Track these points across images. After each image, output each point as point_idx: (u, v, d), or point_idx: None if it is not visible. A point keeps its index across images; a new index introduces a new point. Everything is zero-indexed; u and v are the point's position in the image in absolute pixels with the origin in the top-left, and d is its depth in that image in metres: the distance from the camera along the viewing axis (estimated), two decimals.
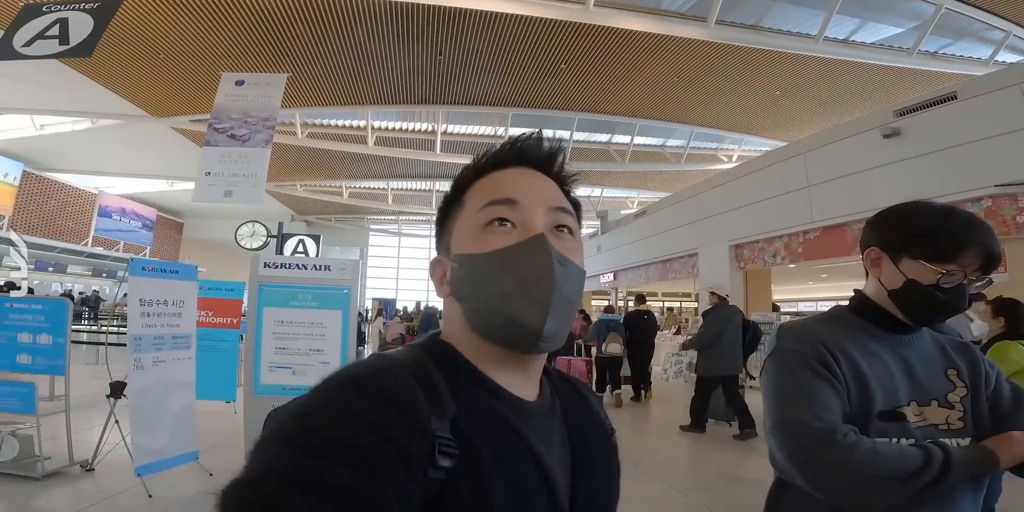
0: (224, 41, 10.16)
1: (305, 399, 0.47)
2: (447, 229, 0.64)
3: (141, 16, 9.01)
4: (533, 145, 0.64)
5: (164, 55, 10.47)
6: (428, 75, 12.39)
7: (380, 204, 24.60)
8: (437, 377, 0.53)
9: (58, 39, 6.11)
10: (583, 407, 0.69)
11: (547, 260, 0.56)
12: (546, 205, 0.61)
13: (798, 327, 1.12)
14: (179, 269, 4.84)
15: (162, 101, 12.99)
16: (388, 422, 0.45)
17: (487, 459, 0.50)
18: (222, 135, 8.32)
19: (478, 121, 16.00)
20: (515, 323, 0.55)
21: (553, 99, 14.06)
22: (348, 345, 4.28)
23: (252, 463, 0.43)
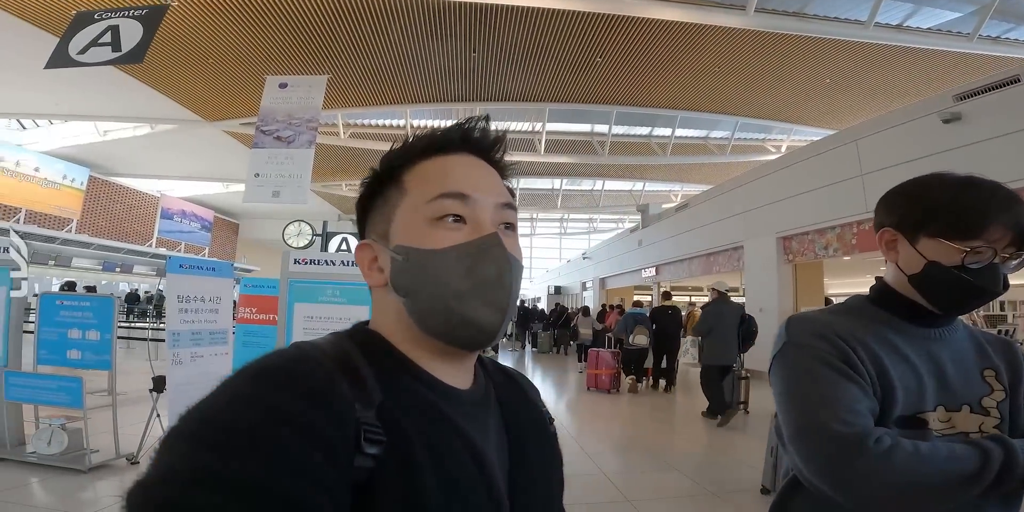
0: (267, 44, 10.49)
1: (213, 392, 0.44)
2: (381, 213, 0.59)
3: (187, 22, 9.40)
4: (480, 131, 0.61)
5: (212, 60, 10.91)
6: (463, 73, 12.47)
7: None
8: (362, 365, 0.51)
9: (111, 46, 6.41)
10: (519, 396, 0.68)
11: (504, 262, 0.56)
12: (495, 201, 0.59)
13: (810, 319, 0.96)
14: (215, 266, 5.00)
15: (214, 105, 13.56)
16: (303, 411, 0.43)
17: (416, 445, 0.48)
18: (268, 137, 8.60)
19: (515, 117, 15.98)
20: (470, 325, 0.54)
21: (590, 93, 13.91)
22: None
23: (155, 463, 0.40)
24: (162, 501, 0.37)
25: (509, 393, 0.66)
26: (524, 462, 0.60)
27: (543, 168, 21.03)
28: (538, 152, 17.20)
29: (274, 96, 8.49)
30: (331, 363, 0.49)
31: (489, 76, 12.68)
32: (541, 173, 22.07)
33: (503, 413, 0.62)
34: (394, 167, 0.60)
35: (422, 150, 0.60)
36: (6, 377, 4.16)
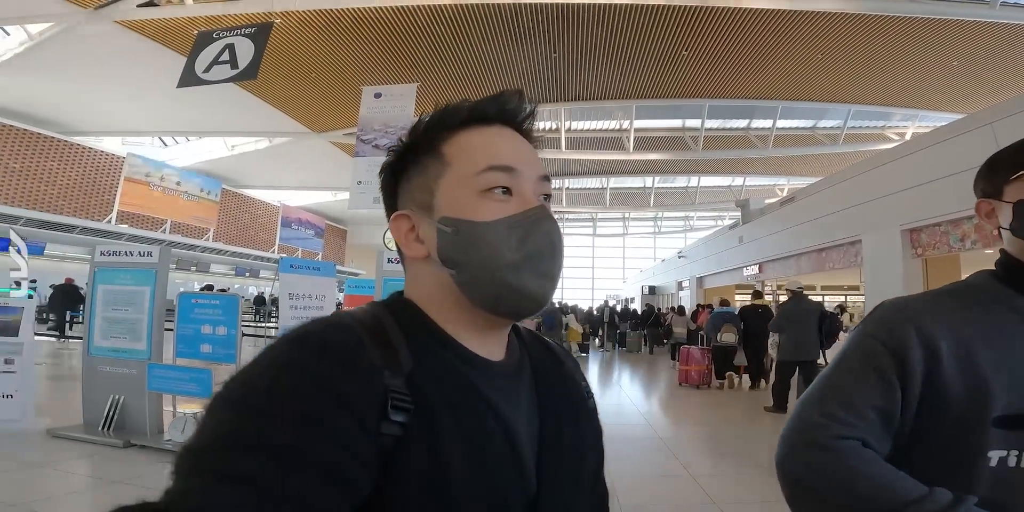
0: (360, 56, 11.21)
1: (255, 359, 0.46)
2: (420, 183, 0.59)
3: (289, 38, 10.24)
4: (516, 103, 0.61)
5: (315, 74, 11.83)
6: (545, 74, 12.56)
7: None
8: (395, 333, 0.52)
9: (229, 64, 7.10)
10: (556, 369, 0.67)
11: (555, 232, 0.57)
12: (537, 173, 0.60)
13: (899, 306, 0.86)
14: (320, 266, 5.39)
15: (319, 117, 14.69)
16: (335, 377, 0.44)
17: (443, 414, 0.49)
18: (368, 146, 9.16)
19: (601, 116, 15.78)
20: (521, 294, 0.55)
21: (678, 88, 13.48)
22: None
23: (200, 428, 0.42)
24: (207, 465, 0.39)
25: (545, 365, 0.65)
26: (556, 436, 0.59)
27: (633, 166, 20.53)
28: (627, 150, 16.82)
29: (370, 106, 9.00)
30: (364, 331, 0.50)
31: (572, 76, 12.67)
32: (631, 171, 21.57)
33: (537, 385, 0.61)
34: (431, 138, 0.60)
35: (461, 121, 0.59)
36: (149, 369, 4.65)
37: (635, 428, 5.84)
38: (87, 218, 16.82)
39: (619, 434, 5.49)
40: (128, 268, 4.91)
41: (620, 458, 4.55)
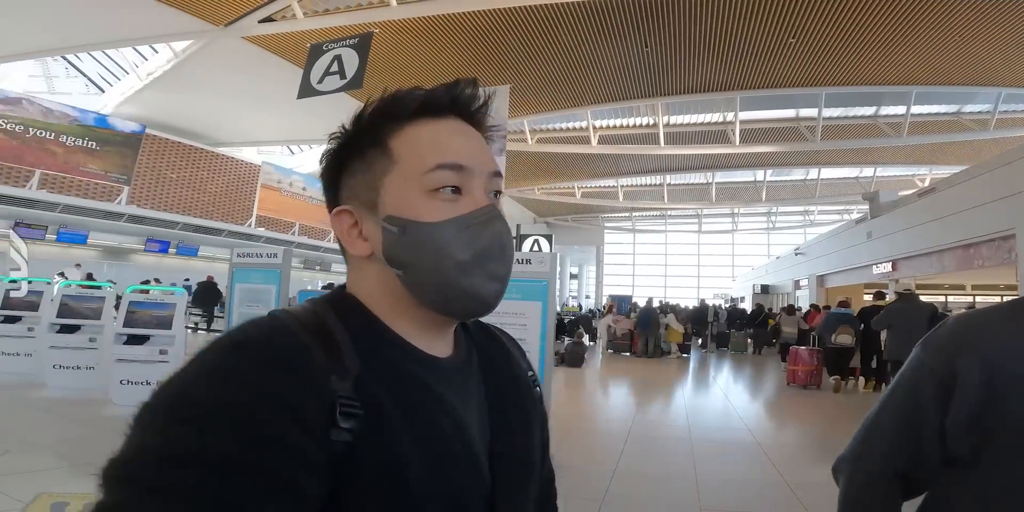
0: (455, 61, 11.58)
1: (186, 365, 0.43)
2: (364, 179, 0.56)
3: (389, 47, 10.76)
4: (470, 93, 0.59)
5: (415, 80, 12.34)
6: (639, 69, 12.22)
7: (612, 202, 24.86)
8: (341, 334, 0.50)
9: (338, 74, 7.60)
10: (504, 358, 0.66)
11: (505, 233, 0.56)
12: (488, 170, 0.57)
13: (964, 322, 0.79)
14: None
15: None
16: (278, 385, 0.42)
17: (395, 417, 0.48)
18: None
19: (702, 109, 15.06)
20: (471, 296, 0.54)
21: (788, 77, 12.57)
22: (547, 335, 4.40)
23: (127, 440, 0.40)
24: (135, 478, 0.37)
25: (493, 356, 0.64)
26: (505, 427, 0.59)
27: (741, 160, 19.32)
28: (733, 143, 15.84)
29: None
30: (307, 334, 0.48)
31: (667, 70, 12.24)
32: (739, 165, 20.29)
33: (485, 378, 0.61)
34: (376, 130, 0.57)
35: (410, 113, 0.57)
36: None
37: (733, 432, 5.53)
38: (231, 222, 19.00)
39: (715, 437, 5.23)
40: (258, 268, 5.44)
41: (709, 460, 4.34)
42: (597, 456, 4.44)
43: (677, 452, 4.67)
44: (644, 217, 31.68)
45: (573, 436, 4.99)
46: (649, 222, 32.66)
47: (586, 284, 35.90)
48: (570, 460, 4.11)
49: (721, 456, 4.67)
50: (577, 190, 23.81)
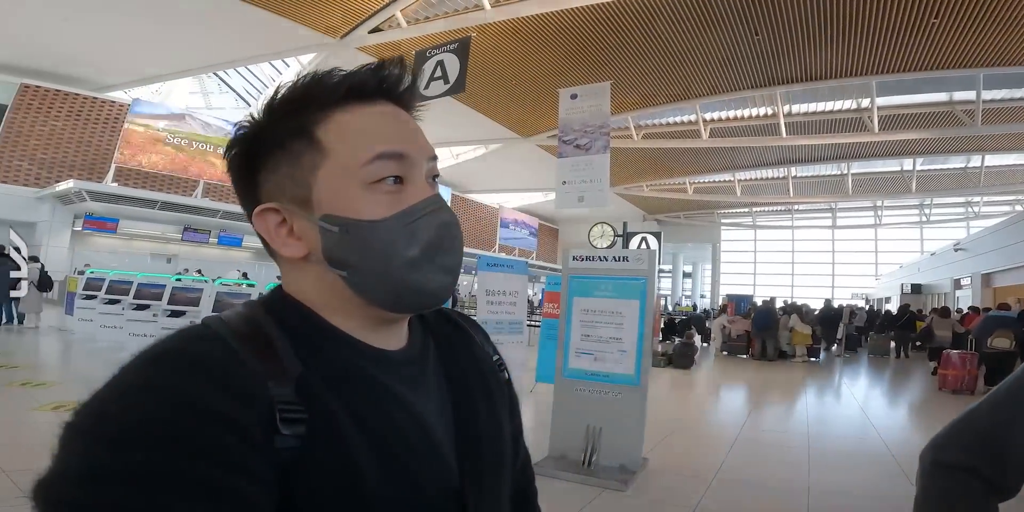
0: (553, 60, 11.62)
1: (109, 381, 0.41)
2: (289, 174, 0.51)
3: (488, 50, 11.06)
4: (398, 74, 0.54)
5: (515, 81, 12.64)
6: (752, 58, 11.46)
7: (728, 197, 23.44)
8: (276, 337, 0.47)
9: (442, 79, 8.00)
10: (465, 345, 0.63)
11: (452, 224, 0.53)
12: (426, 156, 0.54)
13: None
14: (512, 264, 5.80)
15: (525, 122, 15.65)
16: (206, 396, 0.40)
17: (343, 417, 0.46)
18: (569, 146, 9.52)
19: (831, 96, 13.74)
20: (422, 291, 0.51)
21: (933, 59, 11.18)
22: (645, 335, 4.31)
23: (53, 460, 0.38)
24: (61, 500, 0.36)
25: (453, 343, 0.62)
26: (470, 415, 0.57)
27: (882, 148, 17.29)
28: (871, 131, 14.24)
29: (568, 107, 9.31)
30: (238, 339, 0.45)
31: (784, 57, 11.38)
32: (880, 154, 18.16)
33: (445, 367, 0.59)
34: (299, 117, 0.51)
35: (337, 99, 0.51)
36: None
37: (863, 441, 5.00)
38: None
39: (839, 446, 4.77)
40: None
41: (828, 470, 3.98)
42: (696, 461, 4.25)
43: (790, 461, 4.34)
44: (767, 212, 29.45)
45: (670, 439, 4.82)
46: (773, 217, 30.30)
47: (701, 283, 34.18)
48: (665, 464, 4.00)
49: (843, 467, 4.27)
50: (689, 186, 22.77)
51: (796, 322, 11.53)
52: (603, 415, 3.85)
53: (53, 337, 8.91)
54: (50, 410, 4.15)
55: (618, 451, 3.71)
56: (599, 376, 4.20)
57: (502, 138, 17.11)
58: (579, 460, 3.66)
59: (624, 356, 4.23)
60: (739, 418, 6.09)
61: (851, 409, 6.91)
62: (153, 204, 15.64)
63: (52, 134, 15.68)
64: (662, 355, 9.94)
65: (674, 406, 6.73)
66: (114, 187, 15.35)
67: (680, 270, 33.70)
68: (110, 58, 14.40)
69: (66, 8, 11.20)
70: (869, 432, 5.49)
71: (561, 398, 4.18)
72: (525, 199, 27.22)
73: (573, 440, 3.81)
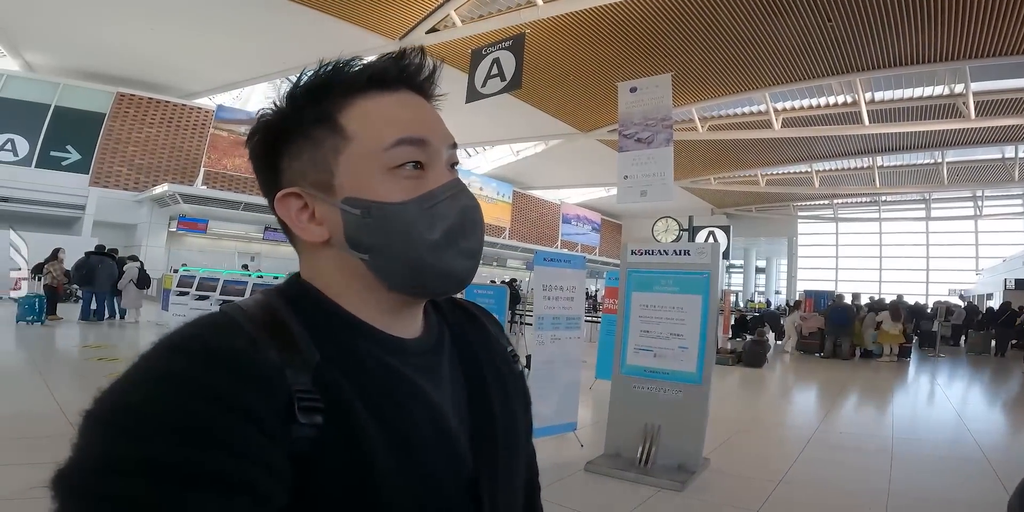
0: (611, 53, 11.39)
1: (128, 370, 0.42)
2: (311, 158, 0.52)
3: (542, 45, 10.95)
4: (419, 63, 0.55)
5: (573, 76, 12.50)
6: (825, 45, 10.81)
7: (806, 189, 22.14)
8: (293, 325, 0.48)
9: (499, 77, 8.02)
10: (480, 335, 0.63)
11: (473, 208, 0.54)
12: (447, 143, 0.55)
13: None
14: (570, 259, 5.74)
15: (584, 117, 15.46)
16: (224, 385, 0.40)
17: (359, 407, 0.46)
18: (630, 140, 9.34)
19: (917, 82, 12.73)
20: (445, 275, 0.52)
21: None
22: (708, 331, 4.16)
23: (73, 450, 0.39)
24: (81, 489, 0.37)
25: (468, 333, 0.62)
26: (485, 406, 0.57)
27: (981, 135, 15.82)
28: (967, 117, 13.03)
29: (628, 100, 9.11)
30: (256, 327, 0.46)
31: (862, 43, 10.68)
32: (978, 141, 16.60)
33: (460, 357, 0.59)
34: (322, 105, 0.52)
35: (359, 86, 0.53)
36: None
37: (955, 446, 4.64)
38: None
39: (927, 449, 4.45)
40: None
41: (912, 475, 3.73)
42: (763, 463, 4.06)
43: (868, 465, 4.05)
44: (850, 204, 27.58)
45: (736, 440, 4.64)
46: (857, 209, 28.33)
47: (776, 279, 32.53)
48: (728, 465, 3.85)
49: (930, 471, 3.97)
50: (760, 178, 21.69)
51: (885, 319, 10.76)
52: (662, 413, 3.75)
53: (150, 331, 9.74)
54: None
55: (677, 450, 3.61)
56: (659, 373, 4.10)
57: (561, 134, 17.00)
58: (635, 459, 3.58)
59: (685, 353, 4.11)
60: (813, 419, 5.75)
61: (942, 411, 6.41)
62: (237, 205, 16.71)
63: (147, 140, 17.05)
64: (731, 353, 9.56)
65: (741, 406, 6.46)
66: (203, 189, 16.56)
67: (752, 265, 32.22)
68: (194, 66, 15.44)
69: (152, 18, 12.09)
70: (963, 436, 5.04)
71: (618, 395, 4.10)
72: (587, 194, 26.94)
73: (630, 438, 3.74)
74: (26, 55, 14.80)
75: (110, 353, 6.79)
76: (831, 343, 10.97)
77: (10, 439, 3.33)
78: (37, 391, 4.57)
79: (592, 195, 26.89)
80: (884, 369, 9.87)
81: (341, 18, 11.27)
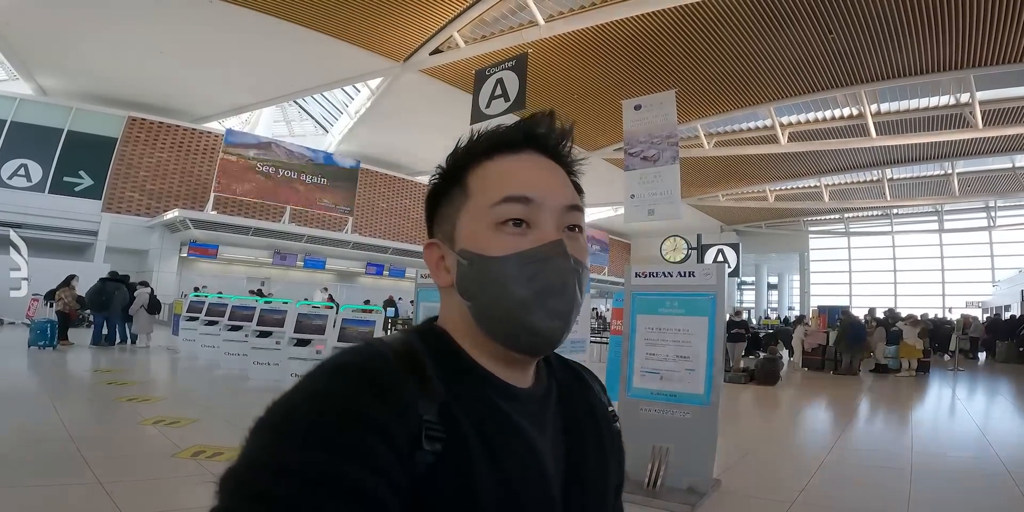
0: (614, 72, 11.54)
1: (296, 386, 0.48)
2: (446, 214, 0.60)
3: (545, 65, 11.12)
4: (544, 127, 0.60)
5: (576, 95, 12.62)
6: (827, 58, 10.89)
7: (815, 203, 22.03)
8: (428, 364, 0.53)
9: (503, 97, 8.06)
10: (583, 393, 0.67)
11: (567, 269, 0.55)
12: (560, 203, 0.57)
13: None
14: None
15: (589, 136, 15.56)
16: (372, 407, 0.46)
17: (475, 443, 0.50)
18: (636, 158, 9.34)
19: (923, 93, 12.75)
20: (532, 333, 0.54)
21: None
22: (715, 352, 4.10)
23: (243, 451, 0.44)
24: (243, 488, 0.41)
25: (574, 390, 0.65)
26: (581, 460, 0.60)
27: (991, 144, 15.75)
28: (975, 127, 13.00)
29: (632, 118, 9.14)
30: (400, 361, 0.51)
31: (865, 54, 10.75)
32: (989, 151, 16.51)
33: (564, 411, 0.62)
34: (458, 167, 0.59)
35: (485, 150, 0.59)
36: None
37: (977, 461, 4.47)
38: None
39: (947, 465, 4.27)
40: (433, 289, 6.15)
41: (933, 493, 3.55)
42: (776, 483, 3.95)
43: (886, 484, 3.94)
44: (861, 217, 27.38)
45: (748, 460, 4.53)
46: (869, 223, 28.10)
47: (789, 294, 32.15)
48: (740, 486, 3.75)
49: (951, 489, 3.83)
50: (769, 193, 21.65)
51: (908, 333, 10.57)
52: (671, 435, 3.68)
53: (161, 355, 9.79)
54: (151, 424, 4.54)
55: (687, 472, 3.53)
56: (666, 395, 4.04)
57: None
58: (643, 481, 3.51)
59: (692, 375, 4.05)
60: (828, 437, 5.61)
61: (964, 425, 6.23)
62: (247, 230, 16.85)
63: (158, 165, 17.14)
64: (743, 371, 9.40)
65: (754, 425, 6.33)
66: (213, 215, 16.66)
67: (764, 282, 31.90)
68: (203, 89, 15.73)
69: (162, 43, 12.39)
70: (985, 451, 4.90)
71: (624, 418, 4.03)
72: (594, 214, 26.96)
73: (638, 460, 3.66)
74: (39, 79, 15.03)
75: (121, 377, 6.81)
76: (847, 360, 10.78)
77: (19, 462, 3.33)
78: (46, 415, 4.58)
79: (600, 214, 26.90)
80: (902, 384, 9.66)
81: (346, 41, 11.55)
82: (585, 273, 0.58)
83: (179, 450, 3.79)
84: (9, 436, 3.96)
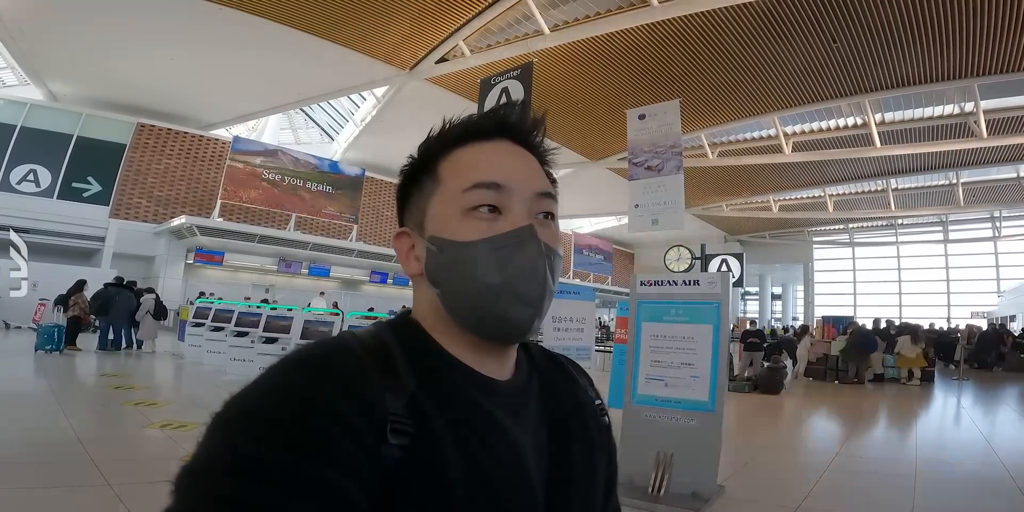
0: (618, 81, 11.62)
1: (256, 380, 0.46)
2: (416, 202, 0.59)
3: (550, 74, 11.22)
4: (517, 115, 0.60)
5: (581, 105, 12.72)
6: (832, 67, 10.96)
7: (820, 213, 22.03)
8: (398, 355, 0.52)
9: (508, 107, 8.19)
10: (567, 385, 0.65)
11: (538, 255, 0.54)
12: (532, 189, 0.57)
13: None
14: (579, 291, 5.76)
15: (594, 146, 15.65)
16: (334, 400, 0.44)
17: (445, 436, 0.49)
18: (640, 168, 9.40)
19: (928, 102, 12.79)
20: (502, 320, 0.53)
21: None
22: (720, 360, 4.13)
23: (199, 448, 0.42)
24: (203, 486, 0.40)
25: (556, 382, 0.63)
26: (565, 455, 0.58)
27: (996, 154, 15.75)
28: (980, 136, 13.03)
29: (636, 128, 9.21)
30: (367, 354, 0.50)
31: (869, 64, 10.79)
32: (994, 160, 16.52)
33: (546, 404, 0.60)
34: (430, 155, 0.59)
35: (457, 137, 0.58)
36: None
37: (982, 468, 4.46)
38: None
39: (953, 473, 4.26)
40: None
41: (937, 500, 3.59)
42: (780, 489, 3.95)
43: (891, 489, 3.93)
44: (866, 228, 27.34)
45: (752, 466, 4.53)
46: (873, 233, 28.05)
47: (793, 305, 32.04)
48: (744, 492, 3.75)
49: (956, 496, 3.83)
50: (773, 203, 21.67)
51: (906, 343, 10.55)
52: (675, 441, 3.71)
53: (166, 361, 9.81)
54: (158, 428, 4.57)
55: (691, 478, 3.54)
56: (670, 402, 4.07)
57: (571, 163, 17.20)
58: (647, 487, 3.52)
59: (697, 382, 4.07)
60: (832, 445, 5.61)
61: (968, 433, 6.21)
62: (253, 237, 16.95)
63: (166, 172, 17.27)
64: (747, 380, 9.39)
65: (757, 432, 6.31)
66: (220, 222, 16.75)
67: (768, 292, 31.80)
68: (211, 96, 15.87)
69: (171, 50, 12.54)
70: (990, 458, 4.89)
71: (629, 424, 4.06)
72: (598, 224, 27.01)
73: (641, 466, 3.68)
74: (50, 85, 15.16)
75: (126, 382, 6.85)
76: (854, 369, 10.74)
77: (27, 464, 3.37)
78: (54, 417, 4.62)
79: (604, 224, 26.96)
80: (905, 393, 9.64)
81: (353, 49, 11.70)
82: (557, 260, 0.57)
83: (187, 453, 3.80)
84: (18, 438, 4.00)
